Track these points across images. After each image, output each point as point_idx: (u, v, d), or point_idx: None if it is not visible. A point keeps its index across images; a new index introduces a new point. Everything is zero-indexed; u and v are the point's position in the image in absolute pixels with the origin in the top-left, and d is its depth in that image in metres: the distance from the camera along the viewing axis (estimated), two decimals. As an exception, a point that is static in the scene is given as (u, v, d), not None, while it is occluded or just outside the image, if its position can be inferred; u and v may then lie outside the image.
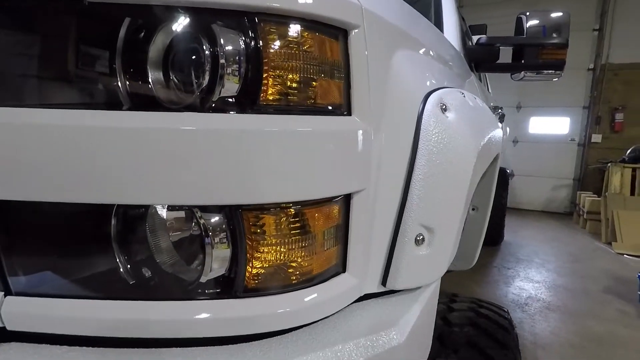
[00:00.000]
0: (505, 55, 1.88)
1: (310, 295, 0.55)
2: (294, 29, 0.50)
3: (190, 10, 0.47)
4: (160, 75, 0.49)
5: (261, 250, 0.52)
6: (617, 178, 5.99)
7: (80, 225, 0.53)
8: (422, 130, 0.66)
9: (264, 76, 0.49)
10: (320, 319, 0.58)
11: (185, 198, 0.48)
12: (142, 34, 0.47)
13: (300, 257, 0.54)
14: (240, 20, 0.48)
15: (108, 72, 0.48)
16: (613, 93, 6.68)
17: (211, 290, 0.52)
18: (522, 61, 1.85)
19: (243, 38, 0.48)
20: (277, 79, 0.50)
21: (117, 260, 0.52)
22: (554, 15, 1.83)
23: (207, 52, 0.47)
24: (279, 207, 0.51)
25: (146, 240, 0.51)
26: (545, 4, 6.44)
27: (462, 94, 0.89)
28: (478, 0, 7.35)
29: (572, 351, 2.73)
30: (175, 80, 0.49)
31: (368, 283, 0.64)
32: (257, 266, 0.52)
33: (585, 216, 6.19)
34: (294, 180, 0.50)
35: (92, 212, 0.51)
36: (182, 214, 0.51)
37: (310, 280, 0.56)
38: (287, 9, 0.48)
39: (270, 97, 0.50)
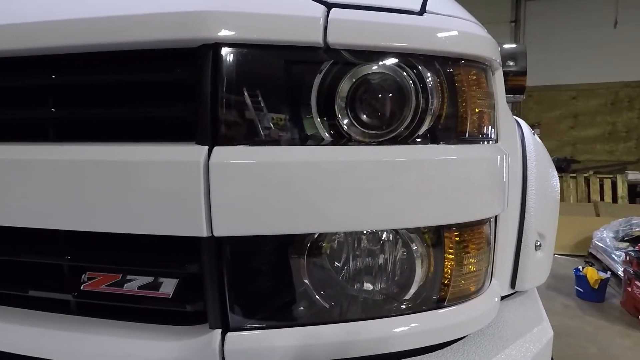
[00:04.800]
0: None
1: (489, 298, 0.61)
2: (474, 70, 0.58)
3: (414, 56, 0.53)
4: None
5: (458, 264, 0.57)
6: (541, 185, 6.82)
7: (287, 255, 0.54)
8: (526, 151, 0.78)
9: (460, 112, 0.56)
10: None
11: (400, 222, 0.52)
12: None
13: (483, 267, 0.60)
14: (442, 63, 0.55)
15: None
16: (529, 111, 7.67)
17: (415, 304, 0.57)
18: (495, 86, 2.11)
19: (441, 79, 0.55)
20: (467, 114, 0.57)
21: (319, 288, 0.55)
22: (507, 46, 2.13)
23: (413, 92, 0.53)
24: (473, 226, 0.58)
25: (356, 265, 0.55)
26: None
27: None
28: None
29: (539, 343, 3.05)
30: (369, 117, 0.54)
31: (503, 287, 0.73)
32: (456, 277, 0.58)
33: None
34: (483, 200, 0.58)
35: (298, 242, 0.54)
36: (388, 236, 0.56)
37: (485, 287, 0.62)
38: (478, 55, 0.56)
39: (460, 130, 0.57)
